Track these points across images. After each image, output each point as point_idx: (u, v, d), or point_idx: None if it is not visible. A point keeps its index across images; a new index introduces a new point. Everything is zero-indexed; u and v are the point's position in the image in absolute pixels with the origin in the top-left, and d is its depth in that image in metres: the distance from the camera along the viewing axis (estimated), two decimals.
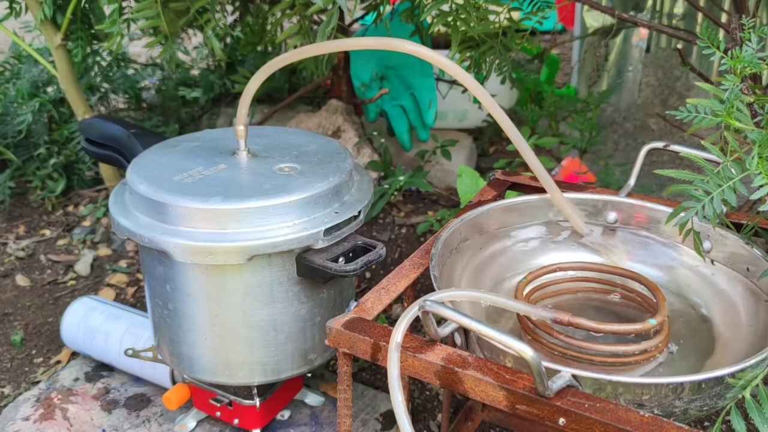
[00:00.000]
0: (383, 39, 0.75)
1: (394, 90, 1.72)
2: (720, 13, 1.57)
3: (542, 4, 1.25)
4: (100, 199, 1.86)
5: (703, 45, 0.75)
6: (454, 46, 1.23)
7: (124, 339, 1.13)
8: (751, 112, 0.70)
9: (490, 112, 0.77)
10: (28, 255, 1.65)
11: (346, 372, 0.68)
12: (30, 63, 1.89)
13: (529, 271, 0.79)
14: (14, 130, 1.81)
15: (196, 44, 2.30)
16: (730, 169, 0.62)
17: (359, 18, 1.92)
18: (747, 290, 0.74)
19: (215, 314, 0.89)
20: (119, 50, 1.46)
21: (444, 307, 0.57)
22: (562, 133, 1.75)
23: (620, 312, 0.79)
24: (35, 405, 1.14)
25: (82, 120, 1.34)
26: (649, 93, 1.92)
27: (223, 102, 2.12)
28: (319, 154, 0.97)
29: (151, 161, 0.95)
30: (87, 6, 1.61)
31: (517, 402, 0.57)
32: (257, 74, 0.85)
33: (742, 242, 0.75)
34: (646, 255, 0.84)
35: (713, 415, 1.03)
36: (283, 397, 1.07)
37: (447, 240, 0.78)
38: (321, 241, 0.85)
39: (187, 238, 0.82)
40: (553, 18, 1.63)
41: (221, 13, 1.45)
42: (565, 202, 0.83)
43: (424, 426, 1.11)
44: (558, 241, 0.87)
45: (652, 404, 0.58)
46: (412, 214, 1.68)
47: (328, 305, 0.94)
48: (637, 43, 1.92)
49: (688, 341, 0.73)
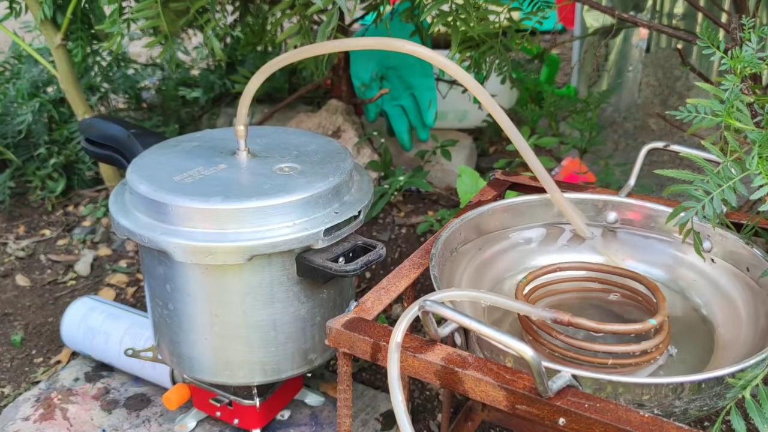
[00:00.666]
0: (383, 39, 0.75)
1: (394, 90, 1.72)
2: (720, 13, 1.57)
3: (542, 4, 1.25)
4: (100, 199, 1.86)
5: (703, 45, 0.75)
6: (454, 46, 1.23)
7: (124, 339, 1.13)
8: (751, 112, 0.70)
9: (490, 112, 0.77)
10: (28, 255, 1.65)
11: (346, 372, 0.68)
12: (30, 63, 1.89)
13: (529, 271, 0.79)
14: (14, 130, 1.81)
15: (196, 44, 2.30)
16: (730, 169, 0.62)
17: (359, 18, 1.92)
18: (747, 290, 0.74)
19: (215, 314, 0.89)
20: (119, 50, 1.46)
21: (444, 307, 0.57)
22: (562, 133, 1.75)
23: (620, 312, 0.79)
24: (35, 405, 1.14)
25: (82, 120, 1.34)
26: (649, 93, 1.92)
27: (223, 102, 2.12)
28: (319, 154, 0.97)
29: (151, 161, 0.95)
30: (87, 6, 1.61)
31: (517, 402, 0.57)
32: (257, 74, 0.85)
33: (742, 242, 0.75)
34: (646, 255, 0.84)
35: (713, 415, 1.03)
36: (283, 397, 1.07)
37: (447, 240, 0.78)
38: (321, 241, 0.85)
39: (187, 238, 0.82)
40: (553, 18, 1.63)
41: (221, 13, 1.45)
42: (566, 203, 0.83)
43: (424, 426, 1.11)
44: (558, 241, 0.87)
45: (652, 404, 0.58)
46: (412, 214, 1.68)
47: (328, 305, 0.94)
48: (637, 43, 1.92)
49: (688, 342, 0.73)
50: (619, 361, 0.68)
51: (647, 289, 0.76)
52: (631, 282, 0.79)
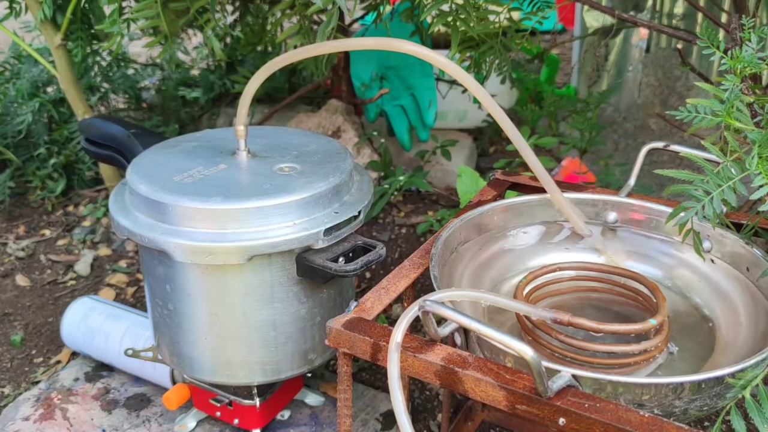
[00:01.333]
0: (383, 39, 0.75)
1: (394, 90, 1.72)
2: (720, 13, 1.57)
3: (542, 4, 1.25)
4: (100, 199, 1.86)
5: (703, 45, 0.75)
6: (454, 46, 1.23)
7: (124, 339, 1.13)
8: (751, 112, 0.70)
9: (490, 112, 0.77)
10: (28, 255, 1.65)
11: (346, 372, 0.68)
12: (30, 63, 1.89)
13: (529, 271, 0.79)
14: (14, 130, 1.81)
15: (196, 44, 2.30)
16: (730, 169, 0.62)
17: (359, 18, 1.92)
18: (747, 290, 0.74)
19: (215, 314, 0.89)
20: (119, 50, 1.46)
21: (444, 307, 0.57)
22: (562, 133, 1.75)
23: (620, 311, 0.79)
24: (35, 405, 1.14)
25: (82, 120, 1.34)
26: (649, 93, 1.92)
27: (223, 102, 2.12)
28: (319, 154, 0.97)
29: (151, 161, 0.95)
30: (87, 6, 1.61)
31: (517, 402, 0.57)
32: (257, 74, 0.85)
33: (742, 242, 0.75)
34: (646, 254, 0.84)
35: (713, 415, 1.03)
36: (283, 397, 1.07)
37: (447, 240, 0.78)
38: (321, 241, 0.85)
39: (187, 238, 0.82)
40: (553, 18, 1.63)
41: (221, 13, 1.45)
42: (566, 203, 0.83)
43: (424, 426, 1.11)
44: (558, 241, 0.87)
45: (652, 404, 0.58)
46: (412, 214, 1.68)
47: (328, 305, 0.94)
48: (637, 43, 1.92)
49: (689, 341, 0.73)
50: (618, 360, 0.68)
51: (647, 289, 0.76)
52: (631, 282, 0.78)
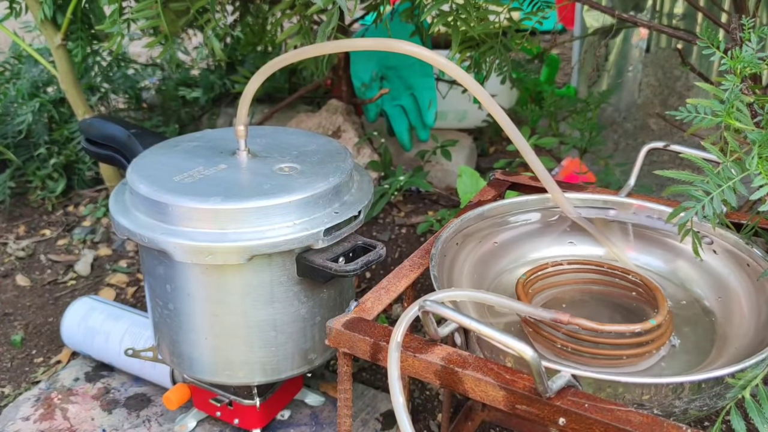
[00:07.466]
0: (383, 40, 0.75)
1: (394, 90, 1.72)
2: (720, 13, 1.57)
3: (542, 4, 1.25)
4: (100, 199, 1.86)
5: (703, 45, 0.75)
6: (454, 46, 1.23)
7: (124, 339, 1.13)
8: (751, 112, 0.70)
9: (490, 112, 0.77)
10: (28, 255, 1.65)
11: (346, 372, 0.68)
12: (30, 63, 1.89)
13: (529, 265, 0.79)
14: (14, 130, 1.81)
15: (196, 44, 2.30)
16: (730, 170, 0.62)
17: (359, 18, 1.92)
18: (749, 283, 0.74)
19: (215, 314, 0.89)
20: (119, 50, 1.46)
21: (444, 307, 0.57)
22: (562, 133, 1.75)
23: (621, 303, 0.78)
24: (35, 405, 1.14)
25: (82, 120, 1.34)
26: (649, 93, 1.92)
27: (223, 102, 2.12)
28: (319, 154, 0.97)
29: (151, 161, 0.95)
30: (87, 6, 1.61)
31: (517, 402, 0.57)
32: (257, 74, 0.85)
33: (742, 242, 0.75)
34: (647, 247, 0.84)
35: (713, 415, 1.03)
36: (283, 397, 1.07)
37: (447, 240, 0.78)
38: (321, 241, 0.85)
39: (187, 238, 0.82)
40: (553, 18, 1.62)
41: (221, 13, 1.45)
42: (566, 202, 0.83)
43: (424, 426, 1.11)
44: (558, 235, 0.87)
45: (652, 404, 0.58)
46: (412, 214, 1.68)
47: (328, 305, 0.94)
48: (637, 43, 1.92)
49: (691, 333, 0.73)
50: (620, 352, 0.67)
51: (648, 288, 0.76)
52: (632, 276, 0.78)
